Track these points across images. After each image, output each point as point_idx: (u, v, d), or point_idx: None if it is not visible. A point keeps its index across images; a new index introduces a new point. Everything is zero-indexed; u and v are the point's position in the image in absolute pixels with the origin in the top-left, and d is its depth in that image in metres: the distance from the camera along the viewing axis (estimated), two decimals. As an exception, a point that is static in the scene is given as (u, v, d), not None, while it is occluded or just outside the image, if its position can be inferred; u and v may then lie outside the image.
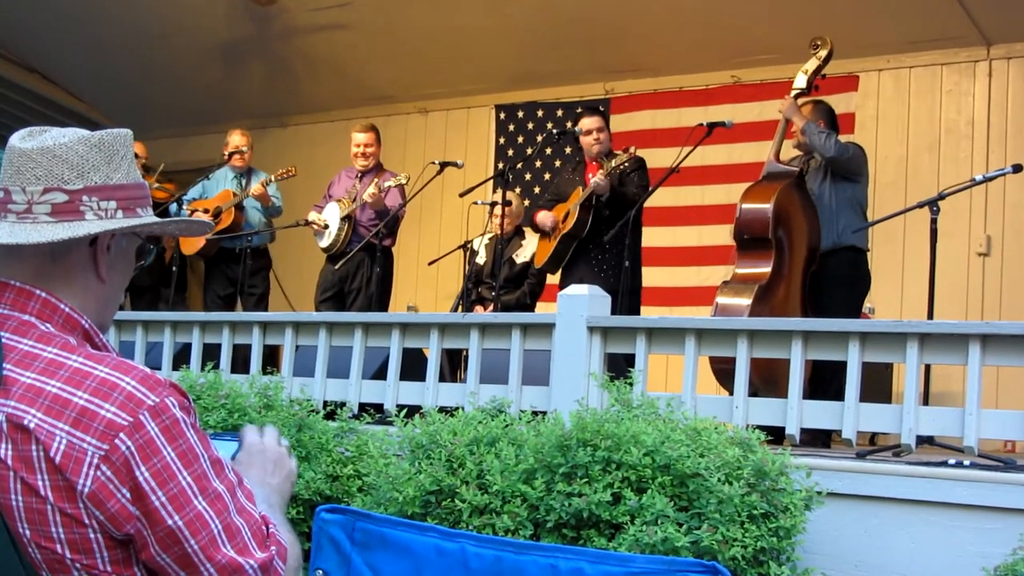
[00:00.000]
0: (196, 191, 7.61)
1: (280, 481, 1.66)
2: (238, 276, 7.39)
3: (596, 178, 5.97)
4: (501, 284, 6.56)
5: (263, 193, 7.23)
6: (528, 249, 6.99)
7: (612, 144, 6.48)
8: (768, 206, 5.31)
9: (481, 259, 7.06)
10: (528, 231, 7.22)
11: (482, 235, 7.10)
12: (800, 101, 5.67)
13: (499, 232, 6.52)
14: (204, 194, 7.58)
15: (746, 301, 5.16)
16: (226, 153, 7.66)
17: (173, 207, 7.47)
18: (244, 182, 7.49)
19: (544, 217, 6.41)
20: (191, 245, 7.54)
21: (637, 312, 6.05)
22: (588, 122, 6.35)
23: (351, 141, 7.23)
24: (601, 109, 7.37)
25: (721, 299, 5.28)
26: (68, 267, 1.49)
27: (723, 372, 4.84)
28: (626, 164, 6.08)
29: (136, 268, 1.64)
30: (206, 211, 7.37)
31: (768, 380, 4.81)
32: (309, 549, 3.77)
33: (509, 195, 7.14)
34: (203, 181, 7.66)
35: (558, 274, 6.47)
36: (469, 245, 7.01)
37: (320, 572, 1.50)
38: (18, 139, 1.49)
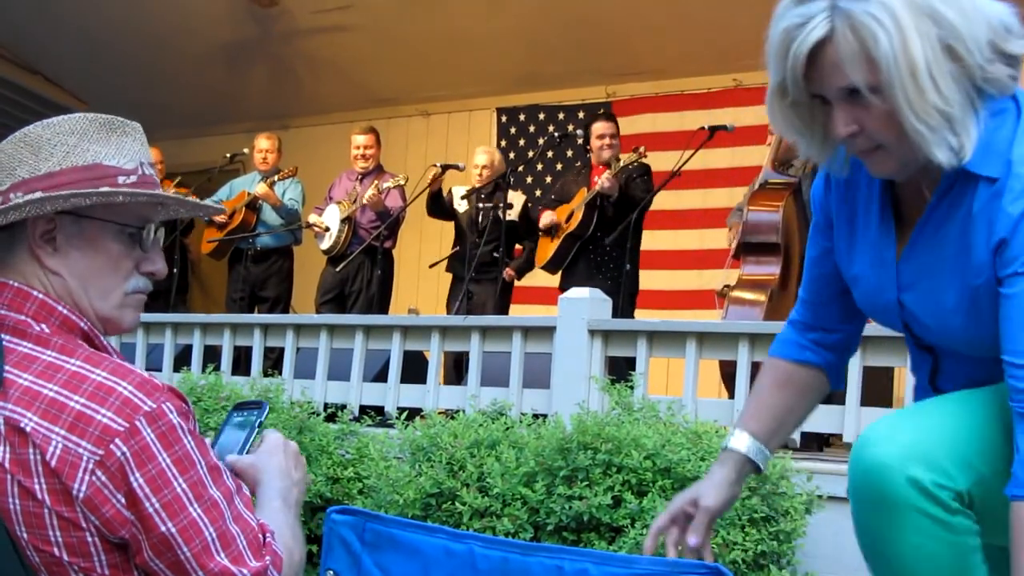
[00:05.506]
0: (224, 192, 7.63)
1: (301, 476, 1.63)
2: (252, 278, 7.39)
3: (603, 179, 5.99)
4: (494, 238, 6.51)
5: (268, 193, 7.22)
6: (514, 209, 6.81)
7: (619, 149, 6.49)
8: (777, 214, 5.35)
9: (461, 207, 6.96)
10: (510, 191, 7.13)
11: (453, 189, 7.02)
12: None
13: (497, 219, 6.49)
14: (230, 195, 7.60)
15: (762, 300, 5.19)
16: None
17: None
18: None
19: (546, 217, 6.42)
20: (206, 245, 7.56)
21: (632, 316, 6.06)
22: (601, 127, 6.39)
23: (351, 143, 7.25)
24: (604, 112, 7.36)
25: (734, 302, 5.30)
26: (13, 264, 1.48)
27: (733, 376, 4.85)
28: (635, 164, 6.11)
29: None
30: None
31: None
32: (310, 551, 3.77)
33: (490, 151, 7.10)
34: (231, 182, 7.70)
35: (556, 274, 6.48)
36: (448, 195, 6.92)
37: (331, 572, 1.51)
38: None
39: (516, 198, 6.90)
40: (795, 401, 1.85)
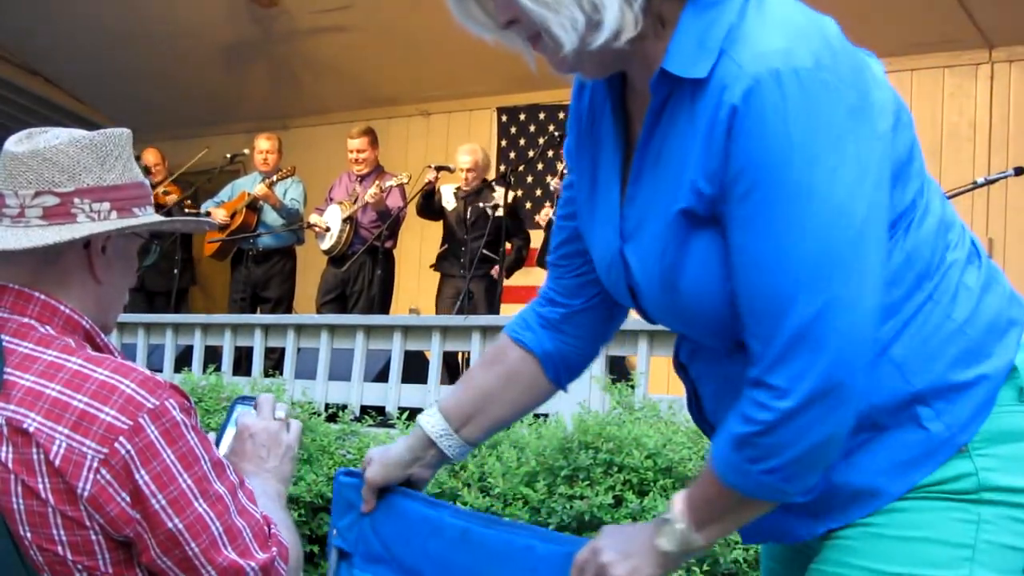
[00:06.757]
0: (225, 193, 7.64)
1: (277, 463, 1.60)
2: (254, 279, 7.38)
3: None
4: (484, 235, 6.52)
5: (267, 193, 7.22)
6: (499, 202, 6.77)
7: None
8: None
9: (450, 205, 6.94)
10: (496, 186, 7.10)
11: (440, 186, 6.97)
12: None
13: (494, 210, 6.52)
14: (232, 196, 7.60)
15: None
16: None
17: (205, 206, 7.54)
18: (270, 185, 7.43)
19: (538, 218, 6.53)
20: (208, 247, 7.57)
21: None
22: None
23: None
24: None
25: None
26: (63, 269, 1.48)
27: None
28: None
29: (139, 268, 1.62)
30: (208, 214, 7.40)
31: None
32: (310, 551, 3.77)
33: (473, 151, 7.01)
34: (232, 183, 7.70)
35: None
36: (436, 194, 6.89)
37: (335, 531, 1.64)
38: (12, 143, 1.48)
39: (500, 193, 6.84)
40: (498, 386, 1.54)
